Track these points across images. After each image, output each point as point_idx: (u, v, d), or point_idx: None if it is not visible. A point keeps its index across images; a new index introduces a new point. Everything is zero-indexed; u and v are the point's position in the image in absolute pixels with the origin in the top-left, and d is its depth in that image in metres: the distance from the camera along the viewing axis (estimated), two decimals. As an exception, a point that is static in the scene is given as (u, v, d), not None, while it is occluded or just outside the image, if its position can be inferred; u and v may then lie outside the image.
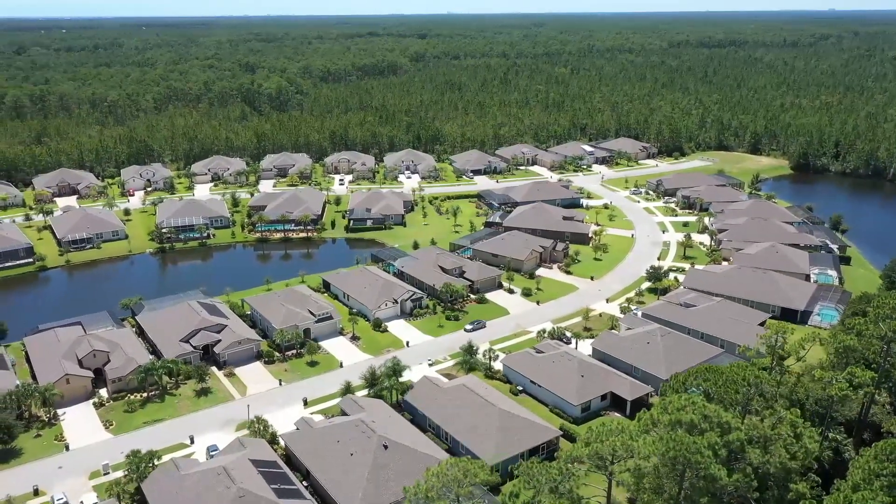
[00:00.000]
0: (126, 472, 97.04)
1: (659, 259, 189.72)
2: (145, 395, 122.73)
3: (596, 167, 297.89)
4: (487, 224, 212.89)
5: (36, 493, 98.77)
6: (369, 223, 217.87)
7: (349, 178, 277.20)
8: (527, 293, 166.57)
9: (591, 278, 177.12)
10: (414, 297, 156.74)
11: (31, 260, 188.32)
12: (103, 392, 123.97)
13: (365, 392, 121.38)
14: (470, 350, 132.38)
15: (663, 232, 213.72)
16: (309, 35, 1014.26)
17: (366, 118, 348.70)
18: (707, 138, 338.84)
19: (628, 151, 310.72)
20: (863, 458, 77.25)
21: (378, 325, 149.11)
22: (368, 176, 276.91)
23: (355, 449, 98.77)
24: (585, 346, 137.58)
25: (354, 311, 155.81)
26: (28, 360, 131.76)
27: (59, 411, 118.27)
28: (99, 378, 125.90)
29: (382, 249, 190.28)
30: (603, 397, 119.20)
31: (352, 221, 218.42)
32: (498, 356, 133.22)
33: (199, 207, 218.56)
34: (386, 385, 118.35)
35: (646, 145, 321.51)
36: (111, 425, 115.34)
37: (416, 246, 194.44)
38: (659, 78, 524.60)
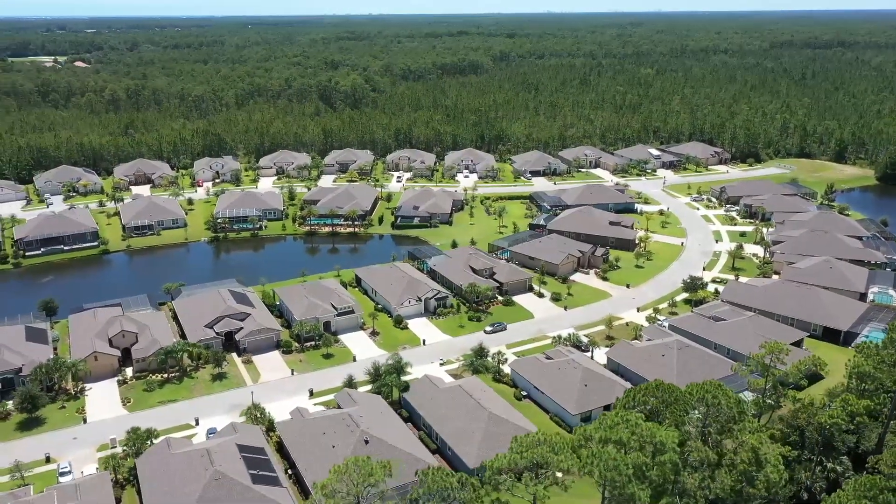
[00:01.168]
0: (124, 448, 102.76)
1: (705, 269, 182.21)
2: (165, 376, 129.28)
3: (661, 172, 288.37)
4: (532, 226, 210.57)
5: (48, 460, 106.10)
6: (416, 221, 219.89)
7: (408, 175, 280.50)
8: (556, 298, 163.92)
9: (627, 286, 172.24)
10: (438, 295, 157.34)
11: (95, 243, 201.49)
12: (129, 371, 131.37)
13: (368, 388, 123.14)
14: (480, 352, 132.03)
15: (717, 241, 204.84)
16: (401, 33, 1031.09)
17: (433, 116, 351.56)
18: (787, 145, 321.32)
19: (698, 156, 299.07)
20: (843, 493, 72.34)
21: (399, 322, 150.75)
22: (426, 174, 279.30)
23: (338, 442, 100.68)
24: (603, 355, 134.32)
25: (380, 306, 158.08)
26: (69, 337, 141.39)
27: (87, 386, 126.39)
28: (127, 357, 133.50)
29: (419, 247, 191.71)
30: (606, 408, 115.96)
31: (399, 218, 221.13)
32: (507, 359, 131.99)
33: (255, 199, 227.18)
34: (387, 381, 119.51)
35: (718, 150, 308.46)
36: (129, 402, 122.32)
37: (454, 245, 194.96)
38: (749, 80, 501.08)
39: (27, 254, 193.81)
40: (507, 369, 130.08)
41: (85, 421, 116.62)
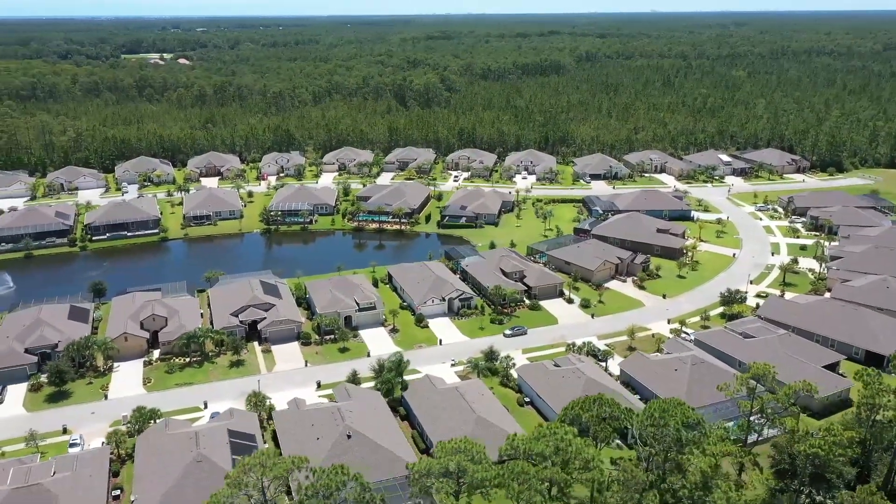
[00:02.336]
0: (128, 425, 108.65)
1: (752, 283, 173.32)
2: (188, 359, 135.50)
3: (729, 179, 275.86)
4: (576, 230, 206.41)
5: (64, 431, 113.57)
6: (462, 220, 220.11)
7: (465, 175, 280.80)
8: (585, 304, 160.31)
9: (664, 296, 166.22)
10: (462, 296, 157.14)
11: (156, 231, 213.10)
12: (157, 353, 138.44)
13: (372, 384, 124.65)
14: (490, 355, 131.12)
15: (773, 254, 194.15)
16: (492, 33, 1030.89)
17: (500, 116, 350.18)
18: (877, 154, 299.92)
19: (773, 164, 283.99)
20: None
21: (420, 321, 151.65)
22: (484, 174, 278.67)
23: (322, 434, 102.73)
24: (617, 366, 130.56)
25: (405, 304, 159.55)
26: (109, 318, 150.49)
27: (116, 365, 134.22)
28: (156, 340, 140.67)
29: (456, 247, 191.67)
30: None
31: (446, 217, 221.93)
32: (515, 364, 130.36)
33: (308, 194, 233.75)
34: (387, 379, 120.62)
35: (795, 158, 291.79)
36: (149, 382, 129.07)
37: (492, 246, 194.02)
38: (848, 84, 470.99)
39: (93, 238, 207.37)
40: (515, 374, 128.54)
41: (106, 397, 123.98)
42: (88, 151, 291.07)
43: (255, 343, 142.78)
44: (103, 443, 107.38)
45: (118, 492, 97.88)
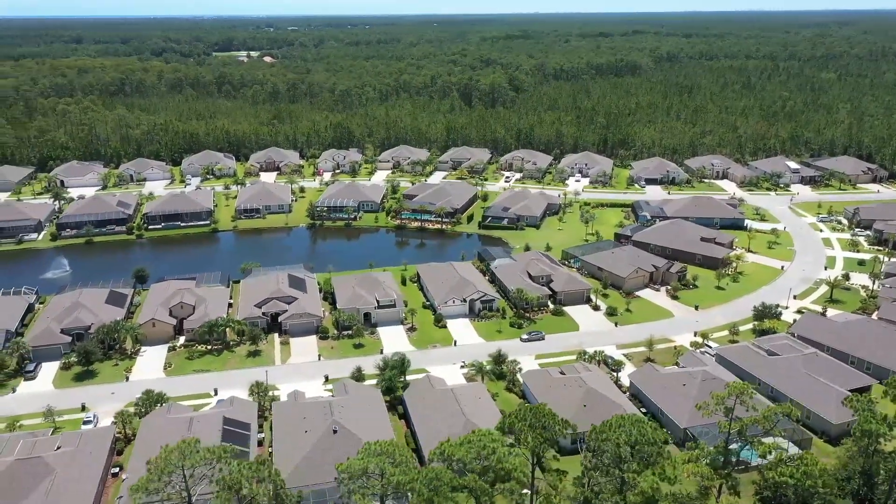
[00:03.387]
0: (135, 407, 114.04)
1: (796, 298, 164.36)
2: (209, 347, 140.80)
3: (796, 187, 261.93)
4: (617, 236, 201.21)
5: (82, 409, 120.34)
6: (504, 222, 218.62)
7: (517, 176, 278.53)
8: (611, 312, 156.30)
9: (696, 307, 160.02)
10: (484, 298, 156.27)
11: (208, 222, 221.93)
12: (182, 339, 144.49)
13: (374, 381, 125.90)
14: (498, 359, 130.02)
15: (826, 268, 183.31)
16: (573, 32, 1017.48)
17: (562, 117, 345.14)
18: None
19: (846, 172, 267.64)
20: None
21: (438, 321, 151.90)
22: (537, 176, 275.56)
23: (311, 427, 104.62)
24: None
25: (429, 303, 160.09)
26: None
27: (143, 349, 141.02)
28: (183, 327, 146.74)
29: (489, 248, 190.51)
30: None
31: (488, 218, 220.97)
32: (522, 369, 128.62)
33: (355, 191, 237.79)
34: (387, 376, 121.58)
35: (872, 167, 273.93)
36: (169, 367, 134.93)
37: (526, 248, 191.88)
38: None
39: (149, 227, 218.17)
40: (521, 379, 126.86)
41: (127, 379, 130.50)
42: (160, 145, 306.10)
43: (276, 335, 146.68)
44: (112, 422, 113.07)
45: (117, 469, 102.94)
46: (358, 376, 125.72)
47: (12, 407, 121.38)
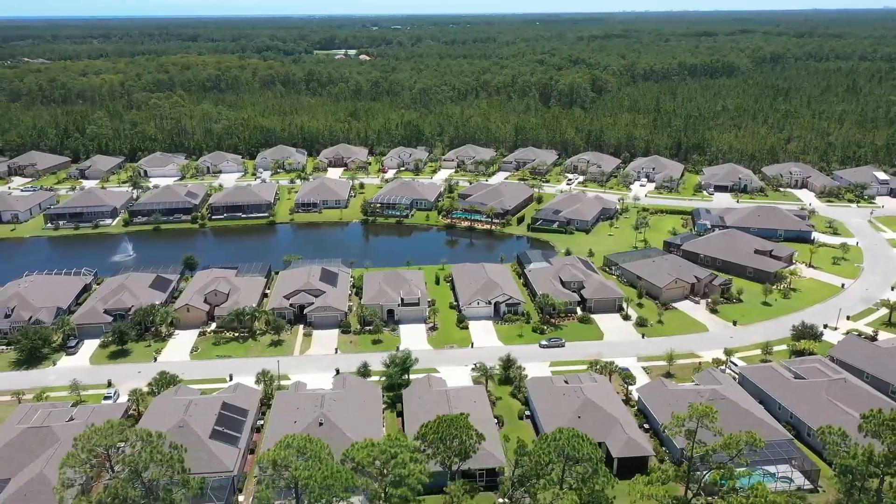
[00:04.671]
0: (149, 386, 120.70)
1: (849, 318, 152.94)
2: (235, 334, 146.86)
3: (882, 199, 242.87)
4: (667, 244, 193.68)
5: (109, 384, 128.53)
6: (555, 225, 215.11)
7: (580, 178, 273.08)
8: (641, 323, 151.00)
9: (734, 322, 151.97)
10: (510, 301, 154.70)
11: (266, 214, 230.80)
12: (213, 325, 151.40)
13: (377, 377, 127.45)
14: (507, 363, 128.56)
15: (894, 289, 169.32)
16: (676, 32, 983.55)
17: (636, 120, 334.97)
18: None
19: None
20: None
21: (461, 321, 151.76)
22: (600, 179, 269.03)
23: (300, 418, 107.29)
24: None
25: (455, 303, 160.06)
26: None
27: (176, 332, 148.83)
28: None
29: (528, 252, 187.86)
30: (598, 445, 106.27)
31: (538, 221, 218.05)
32: (527, 375, 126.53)
33: (409, 189, 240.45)
34: (388, 374, 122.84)
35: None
36: (196, 351, 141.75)
37: (567, 253, 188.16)
38: None
39: (213, 217, 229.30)
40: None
41: (155, 360, 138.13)
42: (238, 139, 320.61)
43: (300, 326, 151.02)
44: (128, 399, 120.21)
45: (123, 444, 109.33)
46: (364, 371, 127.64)
47: (51, 379, 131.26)
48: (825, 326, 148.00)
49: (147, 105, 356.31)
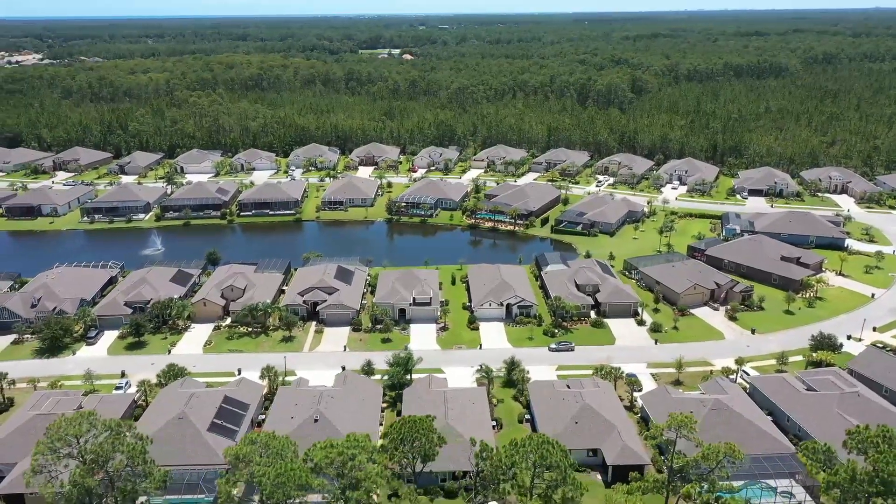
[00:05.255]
0: (157, 378, 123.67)
1: (876, 330, 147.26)
2: (248, 329, 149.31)
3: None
4: (691, 249, 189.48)
5: (122, 375, 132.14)
6: (579, 227, 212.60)
7: (610, 181, 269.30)
8: (655, 329, 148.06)
9: (753, 331, 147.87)
10: (522, 303, 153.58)
11: (293, 212, 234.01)
12: (228, 320, 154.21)
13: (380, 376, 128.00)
14: (511, 366, 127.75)
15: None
16: (727, 31, 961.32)
17: (673, 121, 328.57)
18: None
19: None
20: None
21: (471, 322, 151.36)
22: (631, 181, 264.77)
23: (297, 414, 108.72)
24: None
25: (469, 304, 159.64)
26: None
27: (193, 326, 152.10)
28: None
29: (547, 253, 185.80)
30: (591, 452, 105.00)
31: (562, 223, 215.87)
32: (530, 379, 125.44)
33: (434, 189, 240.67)
34: (392, 373, 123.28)
35: None
36: (209, 345, 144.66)
37: (587, 255, 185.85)
38: None
39: (241, 213, 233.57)
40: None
41: (169, 352, 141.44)
42: (273, 137, 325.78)
43: (313, 323, 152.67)
44: (137, 390, 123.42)
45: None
46: (368, 370, 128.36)
47: (69, 368, 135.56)
48: (849, 337, 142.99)
49: (187, 103, 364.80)
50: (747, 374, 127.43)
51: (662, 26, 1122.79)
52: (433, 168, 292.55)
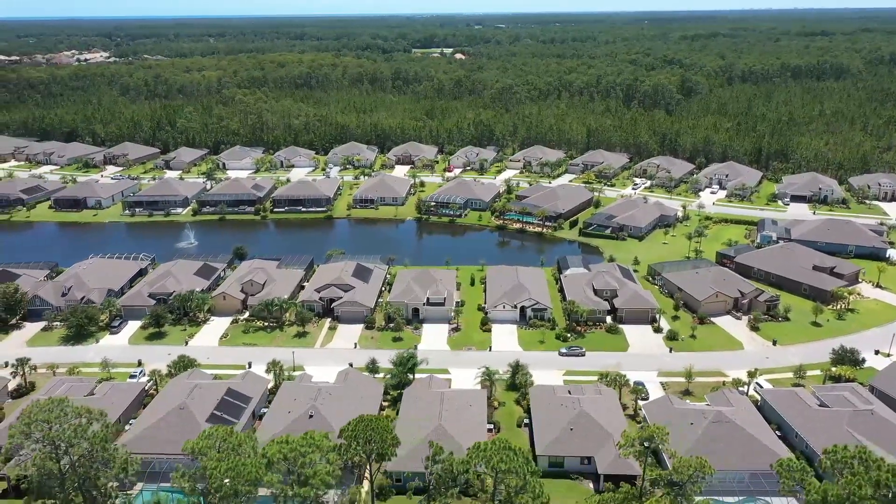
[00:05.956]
0: (168, 368, 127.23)
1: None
2: (264, 323, 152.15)
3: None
4: (720, 256, 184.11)
5: (139, 364, 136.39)
6: (608, 231, 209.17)
7: (647, 183, 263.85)
8: (671, 336, 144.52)
9: (774, 342, 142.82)
10: (536, 306, 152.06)
11: (324, 209, 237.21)
12: (247, 314, 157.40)
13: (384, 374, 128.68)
14: (517, 369, 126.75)
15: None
16: (792, 30, 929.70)
17: (718, 123, 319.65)
18: None
19: None
20: None
21: (484, 324, 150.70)
22: (668, 185, 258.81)
23: (295, 408, 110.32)
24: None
25: (484, 305, 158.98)
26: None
27: (212, 318, 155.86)
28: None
29: (569, 256, 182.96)
30: (585, 460, 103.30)
31: (591, 226, 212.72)
32: (533, 383, 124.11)
33: (464, 189, 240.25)
34: (394, 372, 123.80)
35: None
36: (225, 337, 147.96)
37: (611, 260, 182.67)
38: None
39: (275, 210, 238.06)
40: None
41: (186, 343, 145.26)
42: (314, 135, 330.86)
43: (328, 319, 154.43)
44: (148, 379, 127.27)
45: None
46: (372, 368, 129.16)
47: (90, 355, 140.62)
48: (876, 352, 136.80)
49: (233, 100, 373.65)
50: (761, 387, 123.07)
51: (723, 26, 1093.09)
52: (469, 168, 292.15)
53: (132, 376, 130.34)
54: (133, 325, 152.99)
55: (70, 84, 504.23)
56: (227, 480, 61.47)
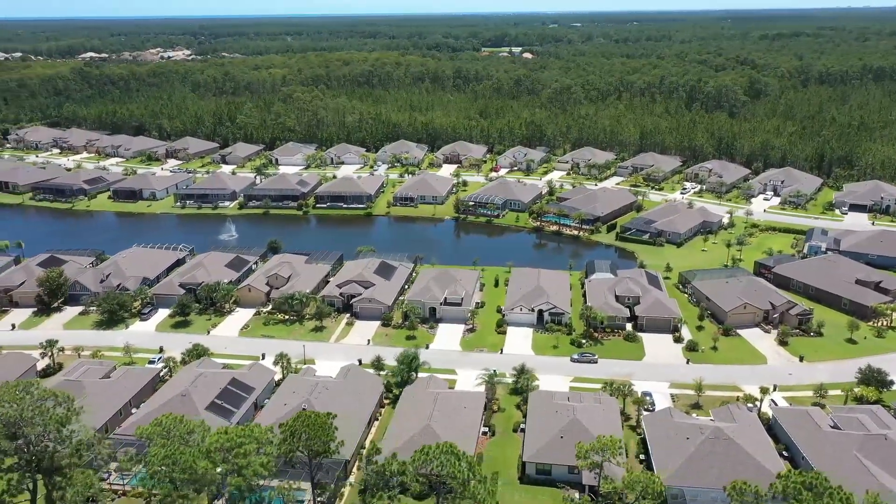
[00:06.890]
0: (181, 355, 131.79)
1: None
2: (285, 316, 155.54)
3: None
4: (758, 265, 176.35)
5: (160, 350, 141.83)
6: (646, 236, 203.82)
7: (696, 188, 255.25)
8: (691, 347, 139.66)
9: (801, 358, 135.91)
10: (553, 310, 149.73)
11: (364, 206, 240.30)
12: (270, 306, 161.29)
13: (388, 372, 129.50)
14: (520, 374, 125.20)
15: None
16: (884, 30, 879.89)
17: (780, 126, 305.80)
18: None
19: None
20: None
21: (499, 326, 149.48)
22: (719, 190, 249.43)
23: (290, 401, 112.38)
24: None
25: (503, 307, 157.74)
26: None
27: (238, 310, 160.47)
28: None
29: (597, 261, 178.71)
30: (574, 470, 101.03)
31: (629, 230, 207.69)
32: (537, 387, 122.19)
33: (504, 189, 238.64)
34: (396, 371, 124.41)
35: None
36: (246, 328, 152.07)
37: (641, 265, 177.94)
38: None
39: (317, 205, 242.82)
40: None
41: (208, 332, 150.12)
42: (366, 133, 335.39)
43: (346, 315, 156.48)
44: (163, 366, 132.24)
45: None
46: (378, 365, 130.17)
47: (119, 340, 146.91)
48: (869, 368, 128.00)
49: (291, 98, 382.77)
50: (775, 404, 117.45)
51: (810, 25, 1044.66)
52: (515, 168, 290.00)
53: (150, 362, 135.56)
54: (163, 313, 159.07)
55: (147, 80, 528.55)
56: (162, 467, 63.80)
